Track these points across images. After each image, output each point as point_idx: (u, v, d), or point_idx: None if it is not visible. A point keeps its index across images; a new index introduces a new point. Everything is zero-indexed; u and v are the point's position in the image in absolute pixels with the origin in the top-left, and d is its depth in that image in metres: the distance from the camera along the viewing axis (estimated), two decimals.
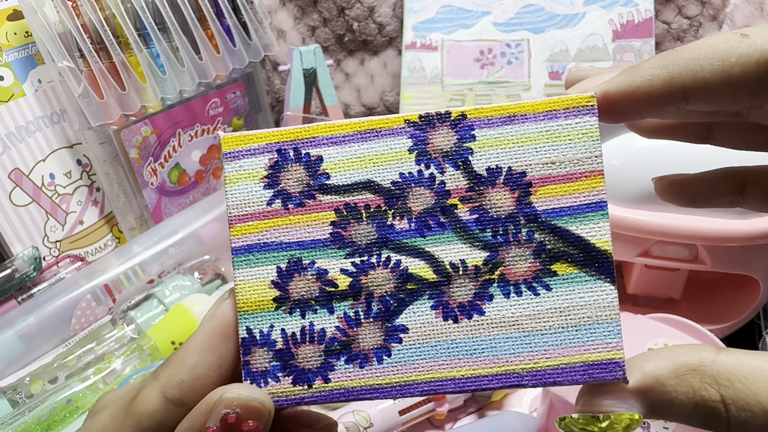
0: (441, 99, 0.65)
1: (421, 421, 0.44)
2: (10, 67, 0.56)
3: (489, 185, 0.18)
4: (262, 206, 0.18)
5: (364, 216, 0.18)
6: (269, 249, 0.18)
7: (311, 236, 0.18)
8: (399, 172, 0.18)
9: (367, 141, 0.18)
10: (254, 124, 0.75)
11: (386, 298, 0.18)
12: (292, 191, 0.18)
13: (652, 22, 0.63)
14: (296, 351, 0.18)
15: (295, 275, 0.18)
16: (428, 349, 0.18)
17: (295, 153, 0.18)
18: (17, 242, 0.57)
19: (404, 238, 0.18)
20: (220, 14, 0.64)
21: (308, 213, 0.18)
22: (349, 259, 0.18)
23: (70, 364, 0.46)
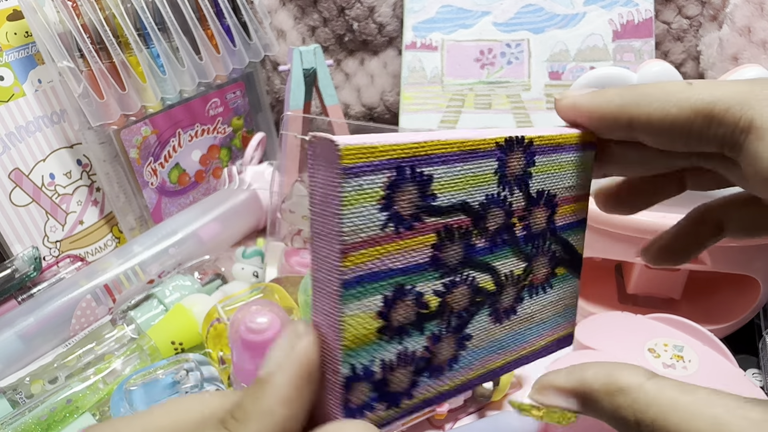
0: (441, 99, 0.65)
1: (421, 421, 0.44)
2: (10, 67, 0.56)
3: (535, 205, 0.20)
4: (376, 231, 0.16)
5: (456, 236, 0.18)
6: (378, 278, 0.17)
7: (414, 261, 0.17)
8: (486, 193, 0.19)
9: (467, 161, 0.18)
10: (254, 124, 0.75)
11: (461, 313, 0.19)
12: (404, 213, 0.17)
13: (652, 22, 0.63)
14: (390, 377, 0.17)
15: (398, 302, 0.17)
16: (482, 351, 0.20)
17: (411, 171, 0.17)
18: (17, 242, 0.57)
19: (480, 255, 0.19)
20: (220, 14, 0.64)
21: (415, 236, 0.17)
22: (440, 280, 0.18)
23: (70, 364, 0.46)
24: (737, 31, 0.59)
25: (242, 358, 0.37)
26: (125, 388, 0.38)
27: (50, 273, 0.59)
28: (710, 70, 0.64)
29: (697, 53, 0.68)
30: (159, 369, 0.40)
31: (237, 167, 0.68)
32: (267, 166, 0.69)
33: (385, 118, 0.74)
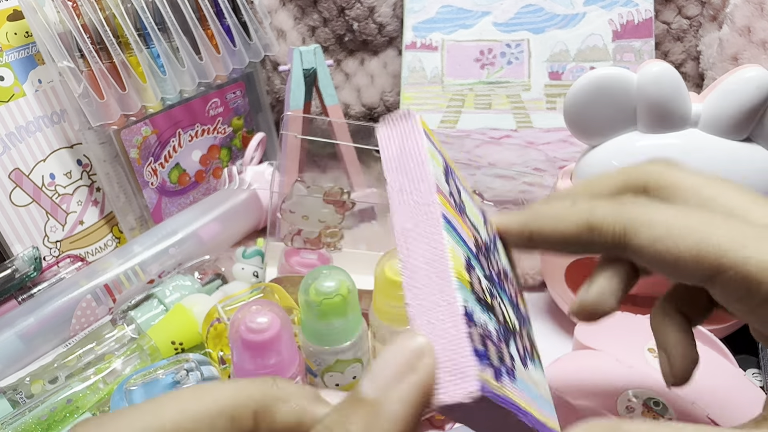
0: (441, 99, 0.65)
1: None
2: (10, 67, 0.56)
3: (506, 278, 0.23)
4: (447, 191, 0.19)
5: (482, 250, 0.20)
6: (457, 234, 0.17)
7: (470, 244, 0.19)
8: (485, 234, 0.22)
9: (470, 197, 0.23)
10: (254, 124, 0.75)
11: (502, 327, 0.18)
12: (456, 196, 0.20)
13: (652, 23, 0.63)
14: (488, 344, 0.16)
15: (472, 272, 0.17)
16: (522, 383, 0.18)
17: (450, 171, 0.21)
18: (17, 242, 0.57)
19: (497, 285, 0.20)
20: (220, 14, 0.64)
21: (462, 221, 0.19)
22: (486, 279, 0.19)
23: (71, 364, 0.46)
24: (737, 31, 0.59)
25: (242, 358, 0.37)
26: (125, 388, 0.38)
27: (50, 273, 0.59)
28: (710, 70, 0.64)
29: (697, 53, 0.68)
30: (159, 369, 0.40)
31: (237, 167, 0.68)
32: (267, 166, 0.69)
33: None
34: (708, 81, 0.65)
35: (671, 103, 0.42)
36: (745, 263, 0.19)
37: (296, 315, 0.44)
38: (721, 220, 0.20)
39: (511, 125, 0.64)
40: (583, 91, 0.43)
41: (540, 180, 0.53)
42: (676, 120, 0.42)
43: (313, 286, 0.38)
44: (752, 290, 0.19)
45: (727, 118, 0.41)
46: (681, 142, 0.42)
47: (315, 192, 0.50)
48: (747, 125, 0.41)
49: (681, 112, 0.42)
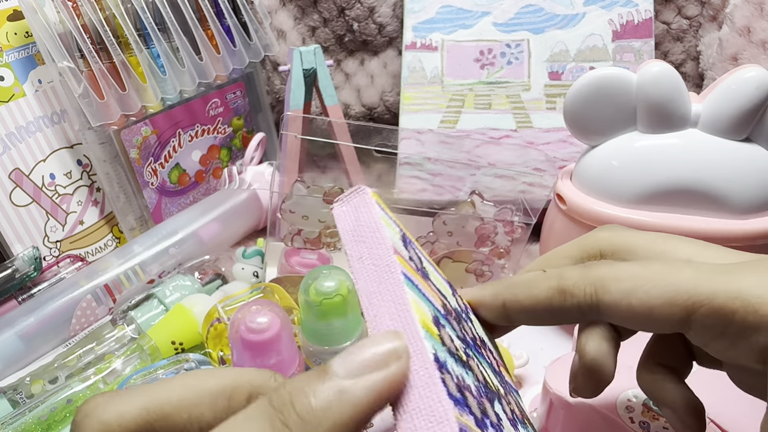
0: (441, 99, 0.65)
1: None
2: (10, 68, 0.56)
3: (486, 348, 0.23)
4: (404, 253, 0.19)
5: (452, 315, 0.20)
6: (420, 293, 0.17)
7: (436, 304, 0.19)
8: (455, 303, 0.22)
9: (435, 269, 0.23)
10: (254, 124, 0.75)
11: (482, 386, 0.18)
12: (414, 258, 0.20)
13: (651, 23, 0.63)
14: (466, 393, 0.15)
15: (441, 328, 0.17)
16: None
17: (408, 239, 0.21)
18: (17, 242, 0.57)
19: (472, 348, 0.20)
20: (220, 14, 0.64)
21: (425, 282, 0.19)
22: (459, 340, 0.19)
23: (71, 364, 0.46)
24: (737, 32, 0.59)
25: (242, 358, 0.37)
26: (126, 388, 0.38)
27: (50, 273, 0.59)
28: (710, 70, 0.64)
29: (696, 53, 0.68)
30: (159, 369, 0.40)
31: (237, 167, 0.68)
32: (267, 166, 0.69)
33: (385, 119, 0.74)
34: (708, 81, 0.65)
35: (671, 103, 0.42)
36: (714, 296, 0.19)
37: (296, 315, 0.44)
38: (682, 264, 0.21)
39: (511, 125, 0.64)
40: (583, 91, 0.43)
41: (540, 180, 0.53)
42: (676, 120, 0.42)
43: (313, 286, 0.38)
44: (727, 321, 0.19)
45: (727, 118, 0.41)
46: (681, 142, 0.42)
47: (315, 192, 0.50)
48: (746, 125, 0.41)
49: (681, 112, 0.42)
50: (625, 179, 0.43)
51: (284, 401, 0.15)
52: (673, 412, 0.23)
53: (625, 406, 0.31)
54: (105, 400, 0.17)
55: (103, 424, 0.17)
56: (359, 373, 0.15)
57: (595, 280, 0.22)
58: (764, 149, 0.42)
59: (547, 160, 0.54)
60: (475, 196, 0.53)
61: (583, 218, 0.45)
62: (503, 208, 0.51)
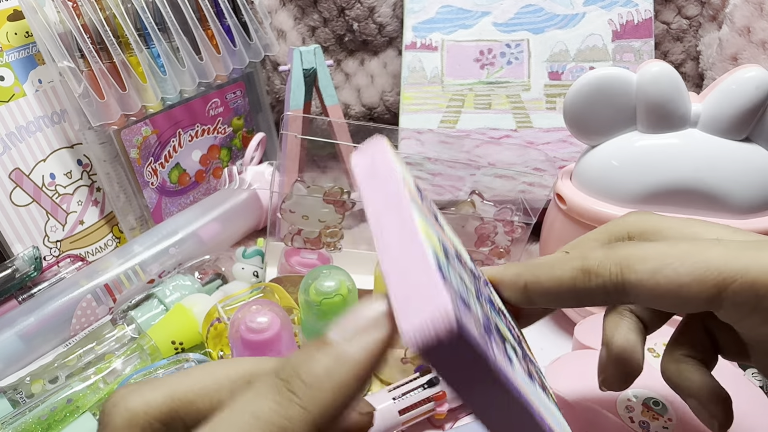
0: (441, 99, 0.65)
1: (421, 421, 0.44)
2: (10, 67, 0.56)
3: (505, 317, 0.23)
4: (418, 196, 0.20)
5: (469, 271, 0.21)
6: (428, 224, 0.18)
7: (444, 242, 0.19)
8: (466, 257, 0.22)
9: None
10: (254, 124, 0.75)
11: (491, 322, 0.18)
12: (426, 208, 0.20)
13: (651, 23, 0.63)
14: (470, 305, 0.16)
15: (447, 250, 0.18)
16: (525, 383, 0.18)
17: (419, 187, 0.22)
18: (18, 242, 0.57)
19: (484, 298, 0.20)
20: (220, 14, 0.64)
21: (439, 228, 0.20)
22: (467, 275, 0.19)
23: (71, 363, 0.46)
24: (737, 31, 0.59)
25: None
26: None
27: (50, 273, 0.59)
28: (710, 70, 0.64)
29: (696, 53, 0.68)
30: (159, 368, 0.40)
31: (237, 167, 0.68)
32: (267, 166, 0.69)
33: (385, 118, 0.74)
34: (708, 81, 0.65)
35: (671, 103, 0.42)
36: (746, 271, 0.19)
37: (296, 315, 0.44)
38: (711, 242, 0.21)
39: (511, 125, 0.64)
40: (582, 91, 0.43)
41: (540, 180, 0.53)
42: (676, 120, 0.42)
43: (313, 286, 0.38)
44: (761, 295, 0.19)
45: (727, 118, 0.41)
46: (680, 142, 0.42)
47: (315, 192, 0.50)
48: (746, 125, 0.41)
49: (680, 112, 0.42)
50: (625, 179, 0.43)
51: (289, 372, 0.16)
52: (699, 401, 0.23)
53: (625, 406, 0.31)
54: (132, 389, 0.18)
55: (130, 412, 0.17)
56: (355, 337, 0.16)
57: (620, 260, 0.21)
58: (764, 149, 0.42)
59: (547, 160, 0.54)
60: (475, 196, 0.53)
61: (583, 218, 0.45)
62: (503, 208, 0.51)
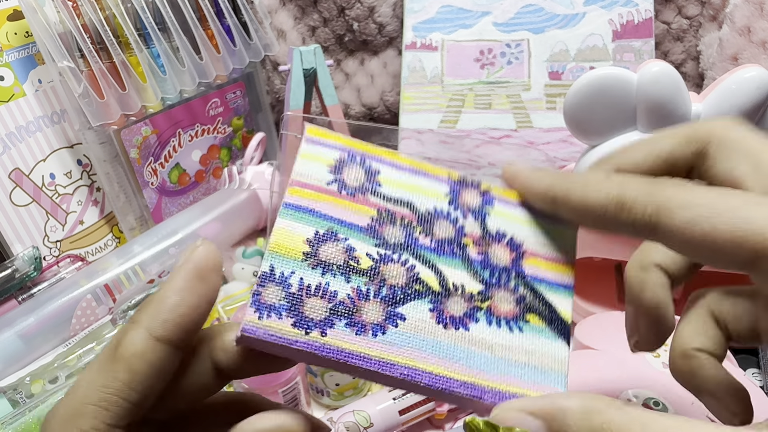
0: (441, 99, 0.65)
1: (421, 421, 0.44)
2: (10, 67, 0.56)
3: (495, 241, 0.23)
4: (322, 183, 0.22)
5: (398, 223, 0.22)
6: (315, 215, 0.21)
7: (351, 219, 0.22)
8: (434, 205, 0.23)
9: (417, 176, 0.23)
10: (254, 124, 0.75)
11: (395, 288, 0.21)
12: (349, 183, 0.22)
13: (652, 23, 0.63)
14: (306, 300, 0.20)
15: (328, 242, 0.21)
16: (417, 341, 0.21)
17: (360, 159, 0.23)
18: (17, 242, 0.57)
19: (424, 250, 0.22)
20: (220, 14, 0.64)
21: (356, 203, 0.22)
22: (376, 248, 0.21)
23: (71, 363, 0.46)
24: (737, 31, 0.59)
25: None
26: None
27: (50, 273, 0.59)
28: (710, 70, 0.64)
29: (696, 53, 0.68)
30: None
31: (237, 167, 0.68)
32: (267, 166, 0.69)
33: (385, 118, 0.74)
34: (708, 81, 0.65)
35: (671, 103, 0.42)
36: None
37: None
38: (762, 200, 0.19)
39: (511, 125, 0.64)
40: (583, 91, 0.43)
41: None
42: (676, 120, 0.42)
43: None
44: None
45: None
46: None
47: None
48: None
49: (681, 112, 0.42)
50: None
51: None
52: (717, 400, 0.22)
53: None
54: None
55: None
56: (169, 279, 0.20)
57: (660, 202, 0.19)
58: None
59: (547, 160, 0.54)
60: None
61: None
62: None
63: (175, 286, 0.19)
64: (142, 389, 0.18)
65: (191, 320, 0.19)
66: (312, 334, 0.20)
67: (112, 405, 0.18)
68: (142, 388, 0.18)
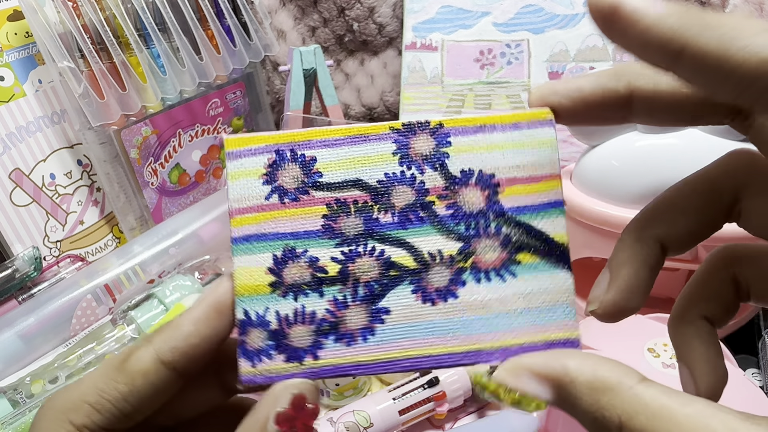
0: (441, 99, 0.65)
1: (421, 421, 0.44)
2: (10, 68, 0.56)
3: (463, 185, 0.20)
4: (260, 200, 0.20)
5: (352, 210, 0.20)
6: (266, 239, 0.20)
7: (304, 227, 0.20)
8: (384, 172, 0.20)
9: (356, 144, 0.21)
10: (254, 124, 0.75)
11: (371, 284, 0.20)
12: (288, 187, 0.20)
13: None
14: (289, 331, 0.20)
15: (289, 262, 0.20)
16: (408, 329, 0.20)
17: (291, 154, 0.20)
18: (18, 242, 0.57)
19: (388, 230, 0.20)
20: (220, 14, 0.64)
21: (302, 207, 0.20)
22: (338, 248, 0.20)
23: (71, 364, 0.46)
24: None
25: None
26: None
27: (50, 273, 0.59)
28: None
29: None
30: None
31: None
32: None
33: (385, 119, 0.74)
34: None
35: None
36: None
37: None
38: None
39: None
40: None
41: None
42: None
43: None
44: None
45: None
46: (681, 142, 0.42)
47: None
48: None
49: None
50: (625, 179, 0.43)
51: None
52: (693, 374, 0.21)
53: None
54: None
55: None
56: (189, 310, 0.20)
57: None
58: None
59: None
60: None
61: (583, 218, 0.45)
62: None
63: (193, 316, 0.19)
64: (138, 404, 0.19)
65: (200, 351, 0.19)
66: (306, 362, 0.19)
67: (105, 410, 0.19)
68: (138, 404, 0.19)
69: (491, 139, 0.21)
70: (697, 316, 0.21)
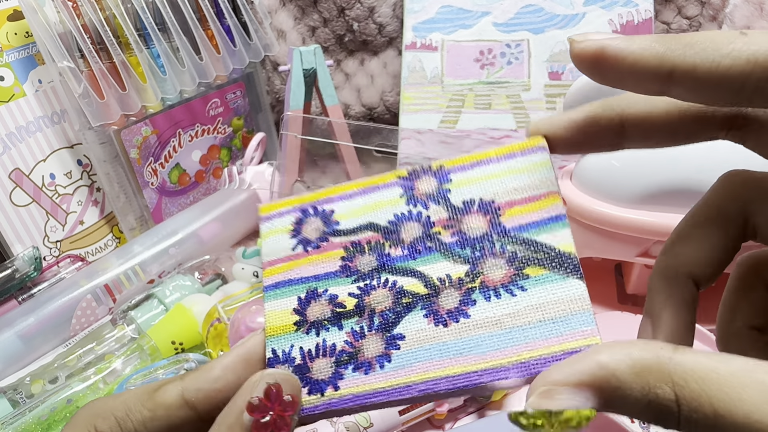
0: (441, 99, 0.65)
1: (421, 421, 0.44)
2: (10, 68, 0.56)
3: (465, 213, 0.22)
4: (288, 252, 0.23)
5: (366, 249, 0.22)
6: (292, 283, 0.22)
7: (325, 270, 0.22)
8: (393, 213, 0.22)
9: (368, 194, 0.23)
10: (254, 124, 0.75)
11: (385, 313, 0.21)
12: (311, 238, 0.23)
13: (651, 23, 0.63)
14: (311, 365, 0.21)
15: (312, 302, 0.22)
16: (423, 352, 0.20)
17: (313, 210, 0.23)
18: (17, 242, 0.57)
19: (398, 262, 0.22)
20: (220, 14, 0.64)
21: (323, 252, 0.22)
22: (355, 284, 0.22)
23: (71, 364, 0.46)
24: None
25: None
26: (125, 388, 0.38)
27: (50, 273, 0.59)
28: None
29: None
30: (159, 369, 0.40)
31: (237, 167, 0.68)
32: (267, 166, 0.69)
33: (385, 119, 0.74)
34: None
35: None
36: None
37: None
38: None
39: (511, 125, 0.64)
40: (582, 91, 0.43)
41: None
42: None
43: None
44: None
45: None
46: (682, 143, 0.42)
47: None
48: None
49: None
50: (625, 179, 0.43)
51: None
52: (654, 330, 0.21)
53: None
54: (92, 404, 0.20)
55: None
56: (219, 358, 0.21)
57: None
58: None
59: None
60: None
61: (583, 218, 0.45)
62: None
63: (223, 362, 0.20)
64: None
65: (223, 397, 0.20)
66: (327, 393, 0.20)
67: (126, 429, 0.20)
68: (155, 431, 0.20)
69: (488, 170, 0.22)
70: (745, 327, 0.21)
